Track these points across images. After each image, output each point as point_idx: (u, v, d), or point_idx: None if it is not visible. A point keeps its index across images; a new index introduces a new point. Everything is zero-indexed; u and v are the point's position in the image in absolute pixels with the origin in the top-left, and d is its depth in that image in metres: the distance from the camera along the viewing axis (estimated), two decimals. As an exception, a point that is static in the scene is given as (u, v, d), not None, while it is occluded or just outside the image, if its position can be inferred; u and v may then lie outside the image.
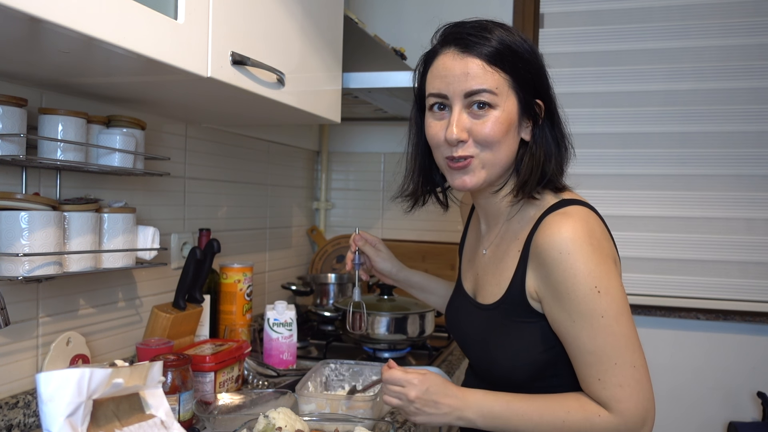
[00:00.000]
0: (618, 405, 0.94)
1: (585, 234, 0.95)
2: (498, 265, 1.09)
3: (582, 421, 0.96)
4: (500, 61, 0.99)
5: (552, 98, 1.06)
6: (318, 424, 1.08)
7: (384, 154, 2.46)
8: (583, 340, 0.95)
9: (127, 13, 0.85)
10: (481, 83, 0.99)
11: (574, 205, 1.01)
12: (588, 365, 0.96)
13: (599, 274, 0.94)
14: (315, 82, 1.45)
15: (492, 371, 1.09)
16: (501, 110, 0.99)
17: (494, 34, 1.02)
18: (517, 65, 1.00)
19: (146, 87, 1.17)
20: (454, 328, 1.23)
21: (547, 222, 0.99)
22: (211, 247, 1.48)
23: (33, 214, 1.05)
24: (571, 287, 0.94)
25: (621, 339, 0.94)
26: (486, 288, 1.12)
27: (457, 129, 1.00)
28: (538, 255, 0.98)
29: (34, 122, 1.13)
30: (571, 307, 0.95)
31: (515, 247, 1.06)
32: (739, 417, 2.09)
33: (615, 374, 0.94)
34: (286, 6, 1.30)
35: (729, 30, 2.09)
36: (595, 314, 0.94)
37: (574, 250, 0.94)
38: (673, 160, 2.15)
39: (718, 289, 2.11)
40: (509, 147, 1.02)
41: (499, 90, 0.99)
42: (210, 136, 1.76)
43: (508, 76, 1.00)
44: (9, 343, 1.14)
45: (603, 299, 0.94)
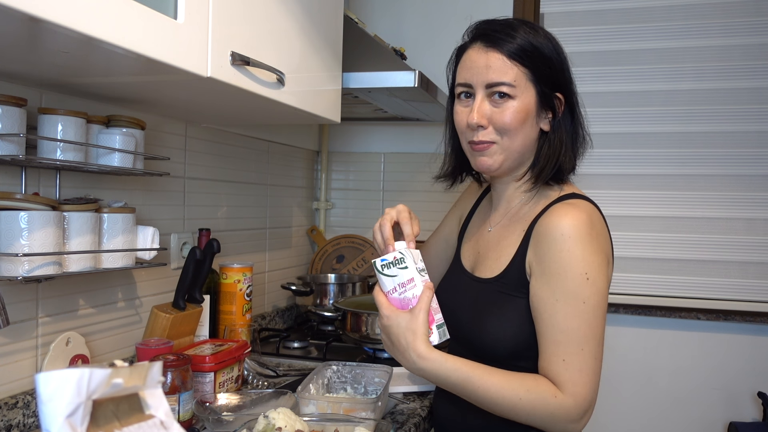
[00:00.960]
0: (574, 388, 0.99)
1: (587, 224, 1.02)
2: (500, 242, 1.15)
3: (539, 400, 1.00)
4: (520, 56, 1.08)
5: (572, 93, 1.13)
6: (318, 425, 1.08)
7: (384, 154, 2.46)
8: (558, 318, 1.01)
9: (126, 13, 0.85)
10: (501, 76, 1.07)
11: (583, 200, 1.09)
12: (556, 344, 1.01)
13: (592, 263, 1.01)
14: (315, 82, 1.45)
15: (479, 343, 1.12)
16: (519, 101, 1.08)
17: (518, 31, 1.09)
18: (537, 60, 1.08)
19: (146, 87, 1.17)
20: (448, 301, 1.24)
21: (555, 208, 1.06)
22: (211, 247, 1.47)
23: (32, 214, 1.05)
24: (562, 267, 1.01)
25: (593, 329, 1.01)
26: (485, 263, 1.17)
27: (478, 115, 1.09)
28: (539, 234, 1.05)
29: (34, 122, 1.13)
30: (558, 285, 1.01)
31: (520, 227, 1.12)
32: (739, 417, 2.09)
33: (579, 359, 1.00)
34: (286, 6, 1.30)
35: (730, 30, 2.09)
36: (578, 298, 1.00)
37: (573, 235, 1.01)
38: (674, 160, 2.15)
39: (718, 289, 2.11)
40: (526, 135, 1.10)
41: (517, 83, 1.07)
42: (210, 136, 1.75)
43: (527, 70, 1.08)
44: (8, 343, 1.14)
45: (589, 287, 1.00)
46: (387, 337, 1.08)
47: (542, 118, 1.12)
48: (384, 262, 1.09)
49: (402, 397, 1.39)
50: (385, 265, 1.09)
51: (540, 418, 1.01)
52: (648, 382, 2.17)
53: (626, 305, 2.15)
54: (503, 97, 1.08)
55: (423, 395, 1.41)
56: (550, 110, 1.12)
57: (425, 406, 1.35)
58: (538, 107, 1.10)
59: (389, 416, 1.27)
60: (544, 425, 1.02)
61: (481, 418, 1.10)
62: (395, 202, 2.42)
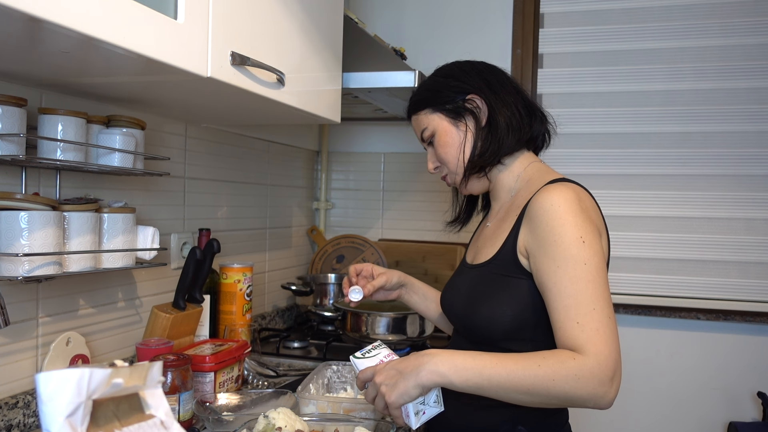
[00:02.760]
0: (594, 348, 0.97)
1: (575, 198, 1.06)
2: (496, 231, 1.20)
3: (556, 363, 0.96)
4: (416, 106, 1.26)
5: (480, 87, 1.20)
6: (318, 425, 1.08)
7: (384, 154, 2.46)
8: (564, 284, 1.01)
9: (127, 13, 0.85)
10: (418, 129, 1.27)
11: (571, 182, 1.13)
12: (567, 308, 1.00)
13: (585, 228, 1.03)
14: (315, 82, 1.45)
15: (472, 325, 1.14)
16: (438, 134, 1.23)
17: (413, 95, 1.29)
18: (423, 99, 1.24)
19: (146, 87, 1.17)
20: (447, 296, 1.29)
21: (545, 188, 1.10)
22: (211, 247, 1.47)
23: (33, 214, 1.05)
24: (558, 235, 1.03)
25: (600, 289, 1.01)
26: (482, 252, 1.21)
27: (429, 164, 1.29)
28: (530, 212, 1.08)
29: (34, 122, 1.13)
30: (557, 252, 1.02)
31: (514, 214, 1.16)
32: (739, 417, 2.09)
33: (593, 318, 0.98)
34: (286, 6, 1.30)
35: (729, 30, 2.09)
36: (578, 260, 1.01)
37: (563, 205, 1.04)
38: (674, 160, 2.15)
39: (718, 289, 2.11)
40: (457, 147, 1.22)
41: (425, 123, 1.24)
42: (210, 136, 1.75)
43: (426, 109, 1.24)
44: (9, 343, 1.14)
45: (587, 249, 1.02)
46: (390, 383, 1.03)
47: (464, 123, 1.21)
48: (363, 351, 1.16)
49: (402, 397, 1.39)
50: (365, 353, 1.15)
51: (565, 382, 0.95)
52: (648, 382, 2.17)
53: (626, 305, 2.15)
54: (432, 140, 1.24)
55: (423, 395, 1.41)
56: (468, 113, 1.21)
57: (425, 406, 1.35)
58: (453, 121, 1.21)
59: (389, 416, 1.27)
60: (572, 393, 0.96)
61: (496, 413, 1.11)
62: (395, 202, 2.44)
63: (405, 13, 2.38)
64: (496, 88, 1.21)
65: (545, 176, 1.17)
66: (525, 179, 1.21)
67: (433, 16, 2.36)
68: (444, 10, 2.34)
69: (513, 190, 1.23)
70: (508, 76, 1.26)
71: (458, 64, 1.26)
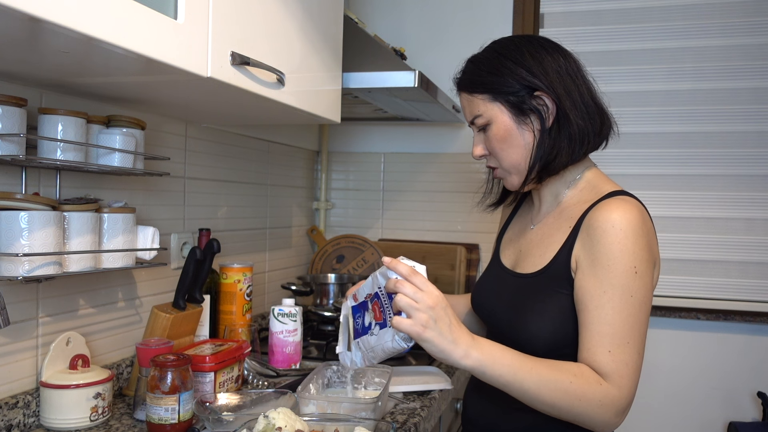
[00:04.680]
0: (620, 380, 0.99)
1: (639, 221, 1.02)
2: (545, 239, 1.15)
3: (586, 385, 0.98)
4: (473, 86, 1.14)
5: (552, 85, 1.09)
6: (318, 425, 1.08)
7: (384, 154, 2.46)
8: (606, 310, 1.00)
9: (126, 13, 0.85)
10: (471, 112, 1.15)
11: (632, 197, 1.09)
12: (602, 335, 0.99)
13: (641, 257, 1.01)
14: (315, 82, 1.45)
15: (516, 338, 1.09)
16: (495, 124, 1.12)
17: (467, 66, 1.17)
18: (487, 81, 1.12)
19: (146, 87, 1.17)
20: (485, 301, 1.24)
21: (607, 202, 1.05)
22: (211, 247, 1.47)
23: (33, 214, 1.05)
24: (613, 259, 1.00)
25: (639, 324, 1.00)
26: (528, 259, 1.16)
27: (475, 148, 1.18)
28: (589, 226, 1.04)
29: (34, 122, 1.13)
30: (607, 277, 1.00)
31: (567, 224, 1.11)
32: (739, 417, 2.09)
33: (625, 352, 0.99)
34: (286, 6, 1.30)
35: (729, 30, 2.09)
36: (626, 291, 0.99)
37: (626, 228, 1.00)
38: (673, 160, 2.15)
39: (718, 289, 2.11)
40: (518, 147, 1.12)
41: (481, 110, 1.13)
42: (210, 136, 1.75)
43: (484, 95, 1.12)
44: (9, 343, 1.14)
45: (638, 281, 1.00)
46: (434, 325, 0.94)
47: (528, 123, 1.10)
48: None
49: (402, 397, 1.39)
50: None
51: (588, 405, 0.97)
52: (648, 381, 2.17)
53: (626, 305, 2.15)
54: (485, 128, 1.14)
55: (423, 395, 1.41)
56: (533, 112, 1.10)
57: (425, 406, 1.35)
58: (515, 118, 1.11)
59: (389, 416, 1.27)
60: (590, 415, 0.98)
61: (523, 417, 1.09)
62: (395, 202, 2.44)
63: (405, 13, 2.38)
64: (569, 86, 1.10)
65: (601, 185, 1.13)
66: (578, 185, 1.16)
67: (433, 16, 2.36)
68: (444, 10, 2.34)
69: (563, 194, 1.17)
70: (580, 67, 1.15)
71: (528, 47, 1.12)
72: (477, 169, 2.33)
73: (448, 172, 2.38)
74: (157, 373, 1.13)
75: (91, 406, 1.16)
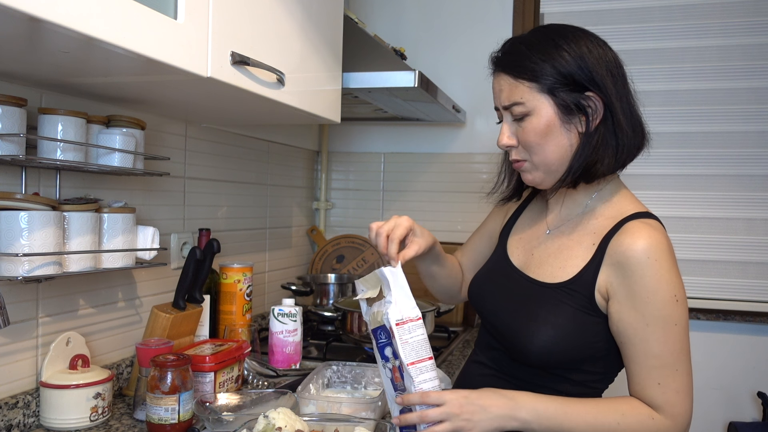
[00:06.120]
0: (672, 409, 0.99)
1: (669, 247, 1.02)
2: (564, 251, 1.11)
3: (636, 424, 0.98)
4: (521, 70, 1.05)
5: (605, 88, 1.04)
6: (318, 425, 1.08)
7: (384, 154, 2.46)
8: (651, 343, 0.99)
9: (126, 13, 0.85)
10: (510, 97, 1.06)
11: (654, 219, 1.07)
12: (650, 368, 0.99)
13: (678, 284, 1.00)
14: (315, 82, 1.45)
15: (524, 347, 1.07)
16: (536, 116, 1.05)
17: (519, 48, 1.07)
18: (543, 70, 1.03)
19: (146, 87, 1.17)
20: (489, 296, 1.19)
21: (634, 227, 1.03)
22: (211, 247, 1.47)
23: (33, 214, 1.05)
24: (652, 291, 0.99)
25: (685, 349, 1.00)
26: (544, 267, 1.12)
27: (505, 137, 1.10)
28: (620, 254, 1.02)
29: (34, 122, 1.13)
30: (648, 310, 0.99)
31: (589, 240, 1.08)
32: (739, 417, 2.09)
33: (675, 380, 0.99)
34: (286, 6, 1.30)
35: (729, 30, 2.09)
36: (670, 321, 0.99)
37: (662, 258, 0.99)
38: (674, 160, 2.15)
39: (718, 289, 2.11)
40: (557, 145, 1.06)
41: (525, 98, 1.04)
42: (210, 136, 1.75)
43: (533, 83, 1.04)
44: (9, 343, 1.14)
45: (679, 308, 0.99)
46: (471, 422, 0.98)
47: (573, 123, 1.05)
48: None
49: (402, 397, 1.39)
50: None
51: None
52: (648, 382, 2.17)
53: (626, 305, 2.15)
54: (521, 118, 1.06)
55: (423, 395, 1.41)
56: (581, 112, 1.04)
57: (425, 406, 1.35)
58: (560, 115, 1.04)
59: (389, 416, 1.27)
60: None
61: None
62: (395, 202, 2.44)
63: (405, 13, 2.38)
64: (621, 91, 1.07)
65: (625, 203, 1.11)
66: (602, 196, 1.12)
67: (433, 16, 2.36)
68: (444, 10, 2.34)
69: (586, 205, 1.13)
70: (626, 73, 1.11)
71: (587, 43, 1.05)
72: (477, 169, 2.33)
73: (448, 172, 2.38)
74: (157, 373, 1.13)
75: (91, 406, 1.16)
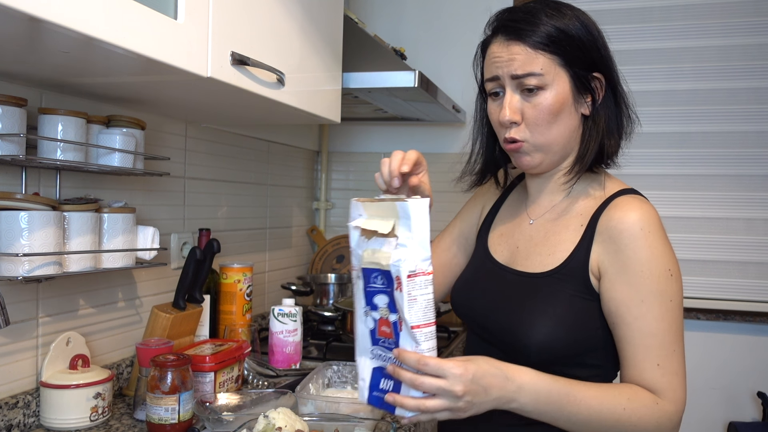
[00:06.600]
0: (673, 393, 0.93)
1: (660, 221, 0.97)
2: (551, 237, 1.05)
3: (642, 408, 0.92)
4: (545, 43, 0.99)
5: (611, 70, 1.04)
6: (318, 425, 1.08)
7: (384, 154, 2.44)
8: (648, 320, 0.93)
9: (126, 13, 0.85)
10: (527, 67, 0.98)
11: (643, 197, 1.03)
12: (648, 348, 0.94)
13: (672, 258, 0.96)
14: (315, 82, 1.45)
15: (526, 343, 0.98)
16: (551, 90, 0.99)
17: (539, 16, 1.00)
18: (565, 44, 0.99)
19: (146, 87, 1.17)
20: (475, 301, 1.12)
21: (624, 201, 0.99)
22: (211, 247, 1.47)
23: (33, 214, 1.05)
24: (646, 265, 0.94)
25: (680, 327, 0.95)
26: (533, 258, 1.06)
27: (510, 111, 1.01)
28: (611, 229, 0.97)
29: (34, 122, 1.13)
30: (643, 284, 0.94)
31: (577, 221, 1.04)
32: (739, 417, 2.09)
33: (673, 361, 0.94)
34: (286, 6, 1.30)
35: (729, 30, 2.09)
36: (665, 295, 0.94)
37: (654, 230, 0.95)
38: (673, 160, 2.15)
39: (718, 289, 2.11)
40: (565, 125, 1.02)
41: (545, 70, 0.98)
42: (210, 136, 1.75)
43: (555, 56, 0.99)
44: (9, 343, 1.14)
45: (674, 283, 0.95)
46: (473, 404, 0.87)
47: (581, 103, 1.02)
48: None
49: (402, 397, 1.39)
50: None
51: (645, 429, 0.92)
52: (648, 382, 2.17)
53: (626, 305, 2.15)
54: (534, 90, 0.99)
55: (423, 395, 1.41)
56: (588, 93, 1.02)
57: (425, 406, 1.35)
58: (574, 93, 1.01)
59: (389, 416, 1.27)
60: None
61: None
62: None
63: (405, 13, 2.38)
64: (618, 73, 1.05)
65: (610, 184, 1.06)
66: (583, 179, 1.06)
67: (433, 16, 2.36)
68: (444, 10, 2.34)
69: (570, 190, 1.08)
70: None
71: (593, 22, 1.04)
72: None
73: (448, 172, 2.36)
74: (157, 373, 1.13)
75: (91, 406, 1.16)
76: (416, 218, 0.86)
